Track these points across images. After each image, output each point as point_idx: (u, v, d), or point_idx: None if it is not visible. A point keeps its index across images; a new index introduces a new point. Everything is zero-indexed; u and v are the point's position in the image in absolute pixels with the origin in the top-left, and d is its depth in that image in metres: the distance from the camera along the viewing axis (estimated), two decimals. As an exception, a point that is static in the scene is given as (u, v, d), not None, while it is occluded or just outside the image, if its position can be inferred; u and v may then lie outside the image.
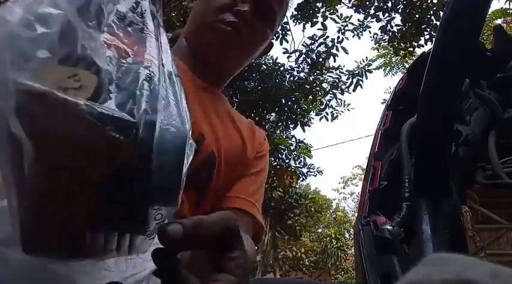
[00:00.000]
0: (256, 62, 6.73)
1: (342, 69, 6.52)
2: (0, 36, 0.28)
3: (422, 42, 5.70)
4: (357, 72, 6.47)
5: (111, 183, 0.29)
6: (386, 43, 6.58)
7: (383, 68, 10.36)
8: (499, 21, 8.35)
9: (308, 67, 6.45)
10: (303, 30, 6.49)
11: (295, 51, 6.52)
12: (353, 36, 6.39)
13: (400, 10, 5.76)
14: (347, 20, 6.25)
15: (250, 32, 0.83)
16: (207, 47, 0.83)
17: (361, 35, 6.39)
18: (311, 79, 6.46)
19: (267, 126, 6.65)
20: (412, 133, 0.87)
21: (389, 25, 5.94)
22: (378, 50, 9.50)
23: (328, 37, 6.26)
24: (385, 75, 10.60)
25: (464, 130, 0.89)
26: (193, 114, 0.76)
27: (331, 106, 6.76)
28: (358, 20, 6.33)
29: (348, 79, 6.51)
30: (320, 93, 6.62)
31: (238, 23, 0.80)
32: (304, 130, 6.60)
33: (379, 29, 6.10)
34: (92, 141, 0.28)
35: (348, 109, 7.00)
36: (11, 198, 0.30)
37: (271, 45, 0.96)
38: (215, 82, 0.88)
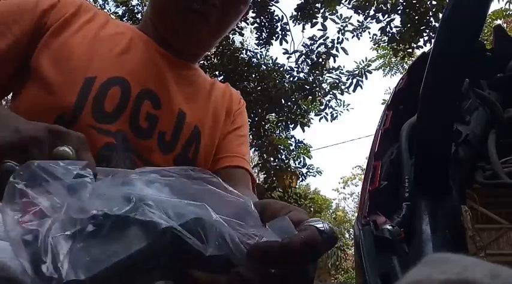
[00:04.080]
0: (256, 62, 6.74)
1: (341, 69, 6.53)
2: None
3: (421, 43, 5.70)
4: (356, 72, 6.47)
5: None
6: (386, 44, 6.59)
7: (382, 68, 10.37)
8: (499, 22, 8.35)
9: (308, 67, 6.46)
10: (303, 31, 6.49)
11: (295, 51, 6.52)
12: (352, 37, 6.40)
13: (399, 11, 5.77)
14: (347, 20, 6.25)
15: (221, 15, 0.78)
16: (174, 34, 0.79)
17: (361, 35, 6.39)
18: (311, 79, 6.46)
19: (266, 126, 6.65)
20: (412, 133, 0.87)
21: (388, 26, 5.95)
22: (377, 51, 9.51)
23: (328, 38, 6.27)
24: (384, 76, 10.61)
25: (464, 130, 0.89)
26: (172, 92, 0.76)
27: (331, 107, 6.76)
28: (358, 21, 6.34)
29: (347, 79, 6.52)
30: (320, 94, 6.62)
31: (206, 10, 0.75)
32: (303, 131, 6.59)
33: (379, 30, 6.11)
34: None
35: (347, 110, 7.01)
36: None
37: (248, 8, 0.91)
38: (189, 58, 0.85)
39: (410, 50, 5.91)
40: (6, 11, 0.69)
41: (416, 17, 5.60)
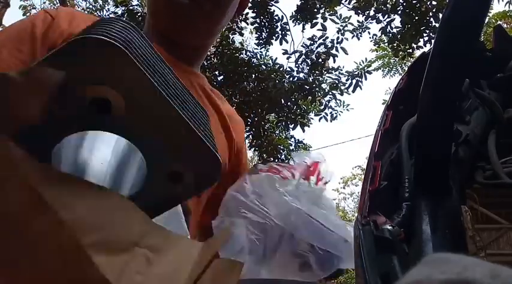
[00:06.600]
0: (256, 62, 6.73)
1: (341, 70, 6.53)
2: None
3: (421, 43, 5.71)
4: (356, 73, 6.48)
5: None
6: (386, 44, 6.60)
7: (382, 69, 10.37)
8: (499, 23, 8.36)
9: (308, 68, 6.46)
10: (303, 31, 6.50)
11: (294, 51, 6.53)
12: (352, 37, 6.41)
13: (399, 12, 5.77)
14: (346, 20, 6.26)
15: (216, 3, 0.77)
16: (169, 25, 0.79)
17: (361, 36, 6.40)
18: (310, 80, 6.47)
19: (266, 126, 6.65)
20: (412, 133, 0.87)
21: (388, 27, 5.95)
22: (377, 51, 9.51)
23: (327, 38, 6.28)
24: (384, 77, 10.61)
25: (464, 130, 0.89)
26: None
27: (331, 107, 6.77)
28: (358, 21, 6.34)
29: (347, 80, 6.52)
30: (319, 94, 6.63)
31: None
32: (303, 131, 6.60)
33: (379, 30, 6.12)
34: None
35: (347, 110, 7.02)
36: None
37: (246, 2, 0.89)
38: (193, 60, 0.85)
39: (410, 50, 5.92)
40: (7, 38, 0.69)
41: (417, 17, 5.60)
